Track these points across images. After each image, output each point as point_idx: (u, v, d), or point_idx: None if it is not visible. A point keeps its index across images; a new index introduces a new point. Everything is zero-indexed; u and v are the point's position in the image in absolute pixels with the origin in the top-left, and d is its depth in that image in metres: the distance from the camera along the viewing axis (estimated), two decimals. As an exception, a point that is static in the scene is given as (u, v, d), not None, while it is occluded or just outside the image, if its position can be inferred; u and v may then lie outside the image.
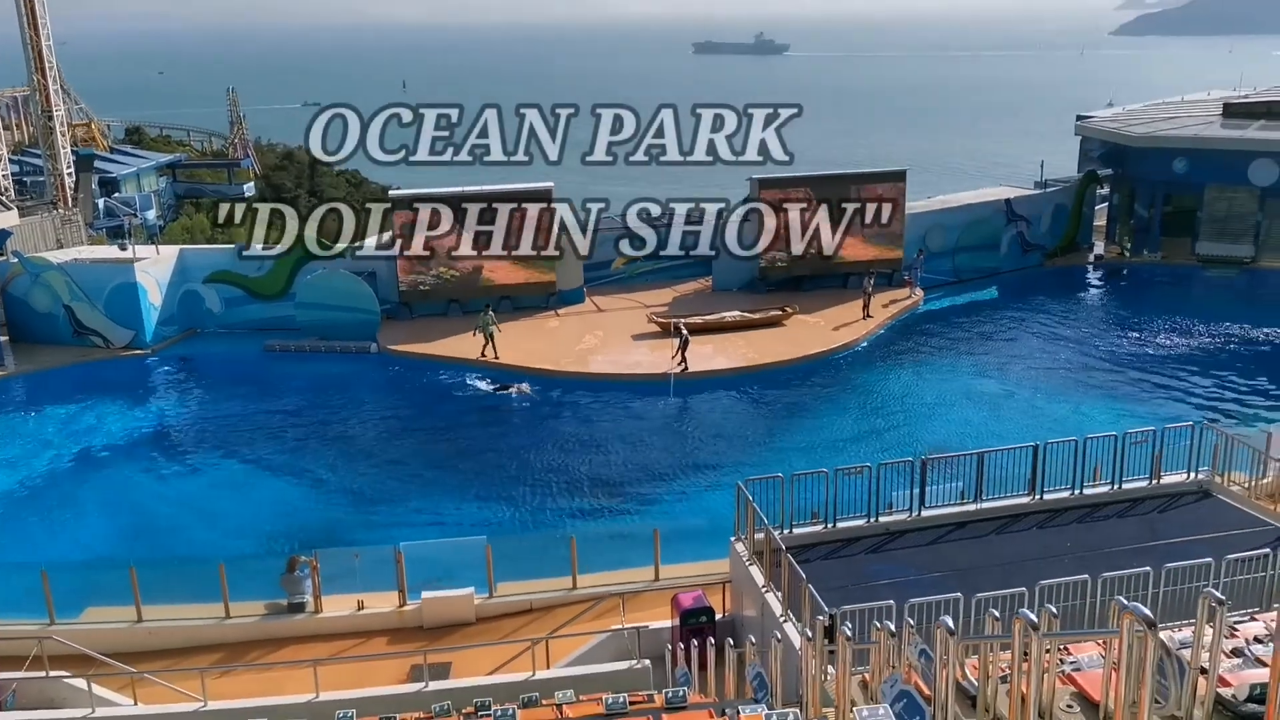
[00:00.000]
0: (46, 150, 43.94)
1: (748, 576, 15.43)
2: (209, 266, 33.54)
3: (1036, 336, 33.18)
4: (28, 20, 41.51)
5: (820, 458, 22.61)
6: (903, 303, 34.59)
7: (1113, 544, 15.55)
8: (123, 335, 32.07)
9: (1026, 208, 38.92)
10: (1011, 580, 13.35)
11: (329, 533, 21.61)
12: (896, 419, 27.21)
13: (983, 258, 38.10)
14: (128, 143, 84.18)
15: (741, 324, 32.58)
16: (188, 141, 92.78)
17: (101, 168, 63.08)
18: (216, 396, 29.86)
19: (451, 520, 22.14)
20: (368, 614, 17.78)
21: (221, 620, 17.56)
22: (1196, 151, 37.88)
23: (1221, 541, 14.90)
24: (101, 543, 21.96)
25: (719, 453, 25.24)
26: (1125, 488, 17.10)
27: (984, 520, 16.61)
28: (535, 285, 34.48)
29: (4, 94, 67.15)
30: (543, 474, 24.33)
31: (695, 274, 37.05)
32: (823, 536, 16.22)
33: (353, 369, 31.19)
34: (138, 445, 27.04)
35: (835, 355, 30.87)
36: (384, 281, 33.67)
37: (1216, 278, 37.46)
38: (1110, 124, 42.42)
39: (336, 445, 26.58)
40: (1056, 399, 27.90)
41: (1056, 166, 44.24)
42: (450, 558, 18.40)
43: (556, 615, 17.61)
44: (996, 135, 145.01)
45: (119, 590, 17.38)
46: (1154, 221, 39.70)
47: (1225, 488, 17.03)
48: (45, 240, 38.42)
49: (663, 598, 16.84)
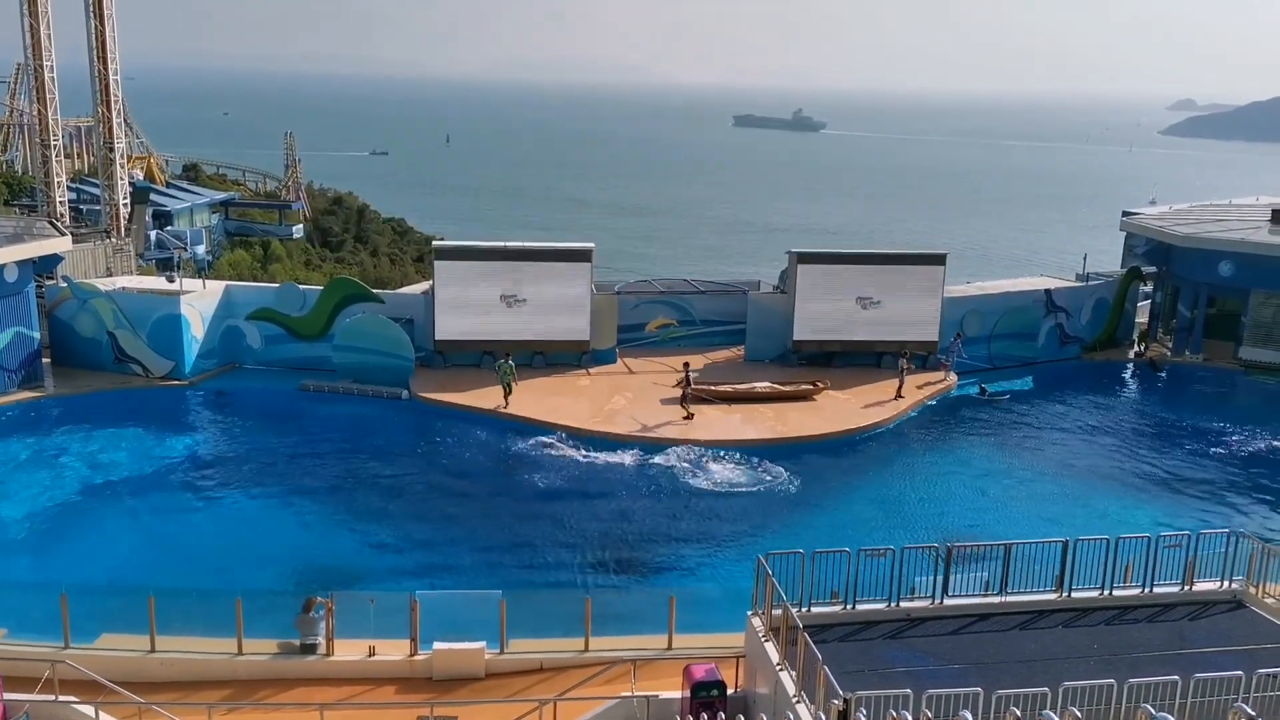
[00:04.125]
0: (105, 180, 45.09)
1: (763, 653, 15.18)
2: (252, 303, 34.11)
3: (1070, 429, 32.75)
4: (97, 53, 42.89)
5: (843, 536, 22.35)
6: (936, 386, 34.39)
7: (1141, 649, 15.16)
8: (162, 365, 32.56)
9: (1067, 299, 38.76)
10: (1034, 678, 13.04)
11: (346, 575, 21.59)
12: (922, 502, 26.86)
13: (1020, 346, 37.89)
14: (184, 178, 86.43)
15: (771, 395, 32.51)
16: (242, 181, 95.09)
17: (157, 201, 64.75)
18: (248, 431, 30.13)
19: (467, 572, 22.05)
20: (379, 660, 17.67)
21: (234, 656, 17.51)
22: (1243, 255, 37.63)
23: (1254, 655, 14.48)
24: (121, 569, 22.04)
25: (741, 523, 25.00)
26: (1156, 591, 16.71)
27: (1008, 614, 16.26)
28: (568, 343, 34.68)
29: (68, 123, 69.26)
30: (562, 532, 24.21)
31: (728, 342, 37.21)
32: (842, 617, 15.95)
33: (384, 414, 31.40)
34: (166, 474, 27.26)
35: (864, 433, 30.65)
36: (420, 328, 34.04)
37: (1258, 383, 36.95)
38: (1156, 221, 42.32)
39: (361, 488, 26.65)
40: (1087, 494, 27.42)
41: (1100, 260, 44.09)
42: (464, 610, 18.29)
43: (567, 676, 17.40)
44: (1039, 225, 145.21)
45: (135, 618, 17.40)
46: (1197, 322, 39.35)
47: (1259, 599, 16.60)
48: (96, 267, 39.27)
49: (675, 667, 16.58)
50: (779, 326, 35.98)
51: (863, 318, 35.62)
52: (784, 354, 35.96)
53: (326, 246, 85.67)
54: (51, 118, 42.59)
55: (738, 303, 37.23)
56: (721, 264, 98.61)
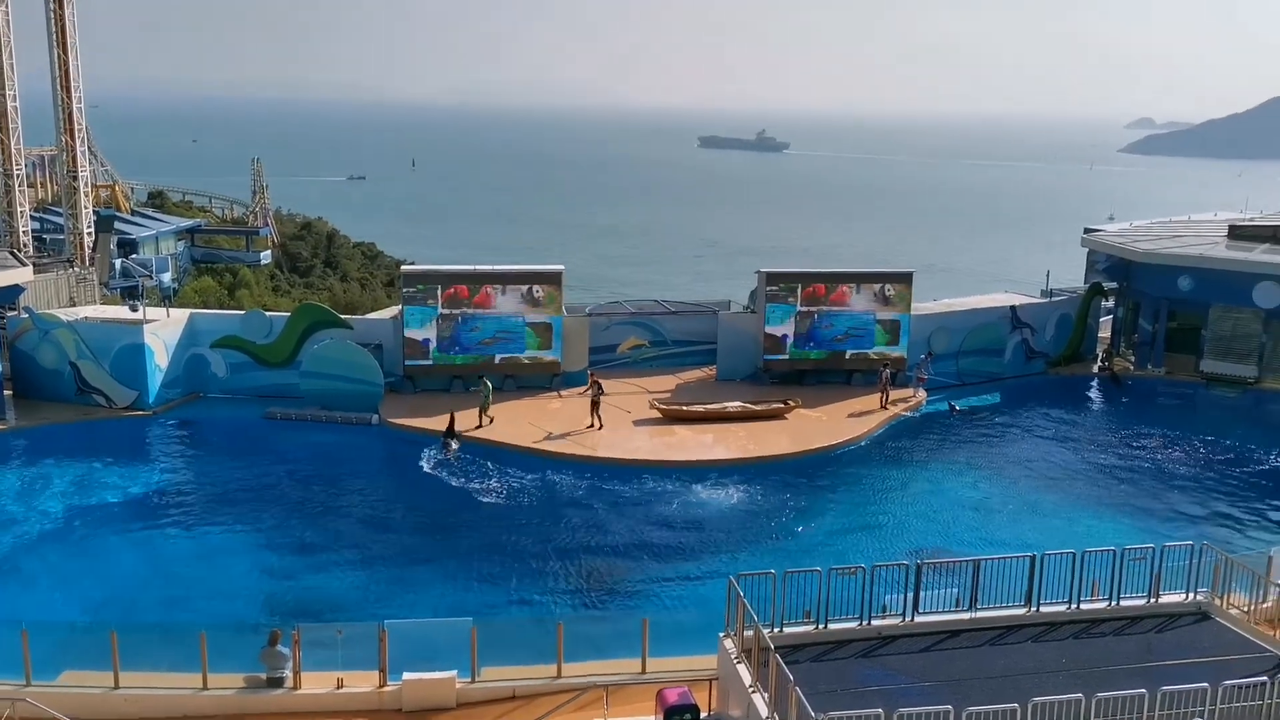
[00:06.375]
0: (68, 209, 44.59)
1: (735, 675, 15.14)
2: (217, 331, 33.79)
3: (1037, 444, 33.07)
4: (61, 81, 42.49)
5: (815, 555, 22.44)
6: (906, 402, 34.63)
7: (1109, 663, 15.26)
8: (126, 395, 32.15)
9: (1032, 315, 39.24)
10: (1004, 694, 13.09)
11: (313, 606, 21.33)
12: (893, 519, 26.99)
13: (987, 362, 38.30)
14: (150, 206, 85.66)
15: (743, 415, 32.60)
16: (209, 208, 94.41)
17: (121, 229, 64.03)
18: (213, 461, 29.78)
19: (438, 599, 21.85)
20: (347, 693, 17.42)
21: (199, 691, 17.21)
22: (1202, 270, 38.25)
23: (1220, 666, 14.62)
24: (84, 604, 21.68)
25: (713, 544, 24.98)
26: (1123, 605, 16.85)
27: (978, 630, 16.33)
28: (540, 365, 34.64)
29: (31, 152, 68.51)
30: (533, 557, 24.07)
31: (700, 362, 37.32)
32: (814, 637, 15.94)
33: (353, 441, 31.14)
34: (129, 506, 26.87)
35: (836, 451, 30.78)
36: (389, 354, 33.86)
37: (1219, 396, 37.48)
38: (1117, 238, 42.96)
39: (329, 517, 26.40)
40: (1055, 508, 27.68)
41: (1063, 277, 44.68)
42: (434, 638, 18.09)
43: (539, 704, 17.25)
44: (1003, 242, 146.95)
45: (98, 654, 17.07)
46: (1158, 336, 39.91)
47: (1224, 610, 16.78)
48: (59, 297, 38.79)
49: (648, 691, 16.51)
50: (750, 346, 36.14)
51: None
52: (755, 373, 36.11)
53: (295, 272, 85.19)
54: (14, 147, 42.08)
55: (708, 323, 37.38)
56: (692, 284, 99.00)
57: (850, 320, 36.03)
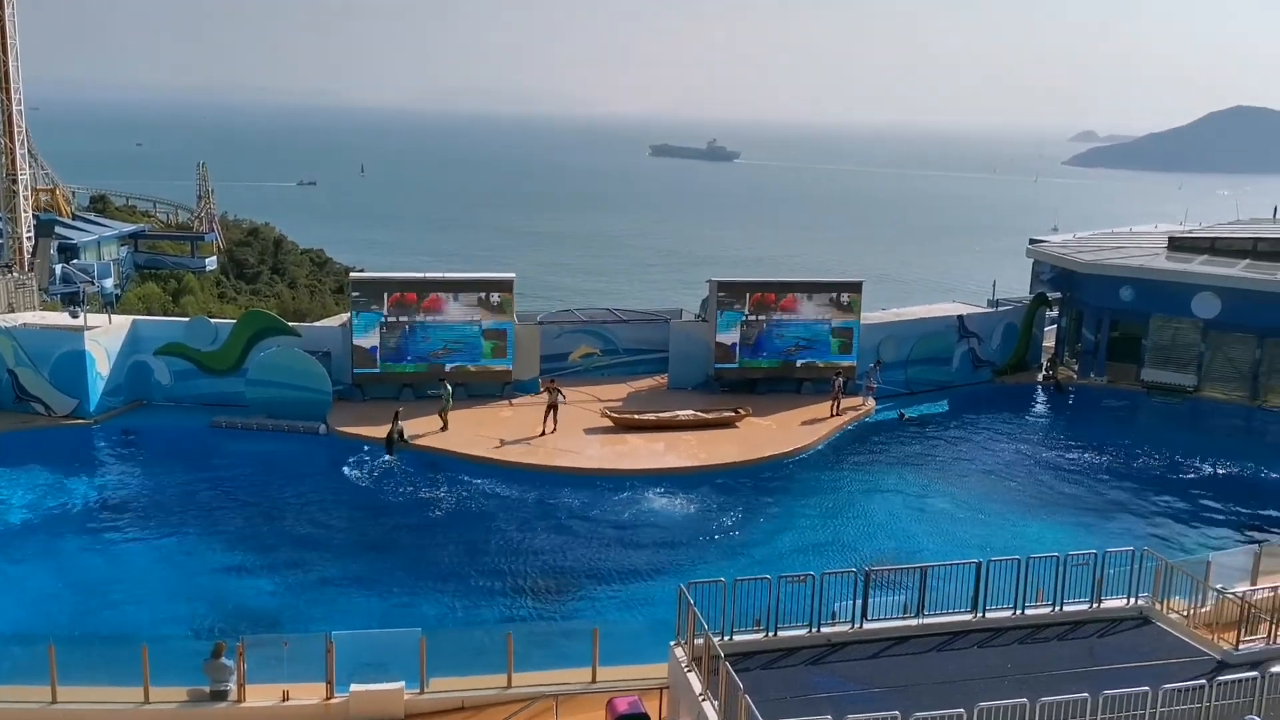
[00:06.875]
0: (7, 213, 43.55)
1: (685, 683, 15.15)
2: (161, 338, 33.15)
3: (984, 451, 33.55)
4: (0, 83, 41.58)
5: (766, 563, 22.54)
6: (857, 410, 34.96)
7: (1052, 667, 15.51)
8: (65, 404, 31.41)
9: (978, 324, 39.87)
10: (951, 699, 13.25)
11: (259, 617, 20.97)
12: (842, 527, 27.18)
13: (935, 371, 38.83)
14: (92, 210, 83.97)
15: (694, 423, 32.68)
16: (153, 213, 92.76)
17: (62, 234, 62.68)
18: (155, 471, 29.13)
19: (386, 609, 21.60)
20: (292, 705, 17.13)
21: (140, 705, 16.80)
22: (1142, 281, 39.12)
23: (1159, 670, 14.94)
24: (20, 616, 21.09)
25: (664, 553, 24.97)
26: (1066, 610, 17.14)
27: (926, 635, 16.53)
28: (490, 373, 34.45)
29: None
30: (483, 567, 23.85)
31: (651, 370, 37.37)
32: (764, 645, 16.01)
33: (299, 449, 30.69)
34: (68, 517, 26.19)
35: (786, 460, 30.96)
36: (338, 361, 33.46)
37: (1160, 404, 38.33)
38: (1060, 249, 43.79)
39: (274, 526, 25.96)
40: (1001, 515, 28.06)
41: (1008, 287, 45.48)
42: (382, 649, 17.87)
43: (489, 715, 17.10)
44: (950, 252, 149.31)
45: (35, 668, 16.61)
46: (1101, 346, 40.73)
47: (1164, 615, 17.14)
48: (-4, 302, 37.87)
49: (598, 701, 16.47)
50: (701, 354, 36.26)
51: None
52: (706, 381, 36.23)
53: (242, 279, 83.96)
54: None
55: (659, 331, 37.46)
56: (644, 292, 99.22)
57: (802, 329, 36.31)
